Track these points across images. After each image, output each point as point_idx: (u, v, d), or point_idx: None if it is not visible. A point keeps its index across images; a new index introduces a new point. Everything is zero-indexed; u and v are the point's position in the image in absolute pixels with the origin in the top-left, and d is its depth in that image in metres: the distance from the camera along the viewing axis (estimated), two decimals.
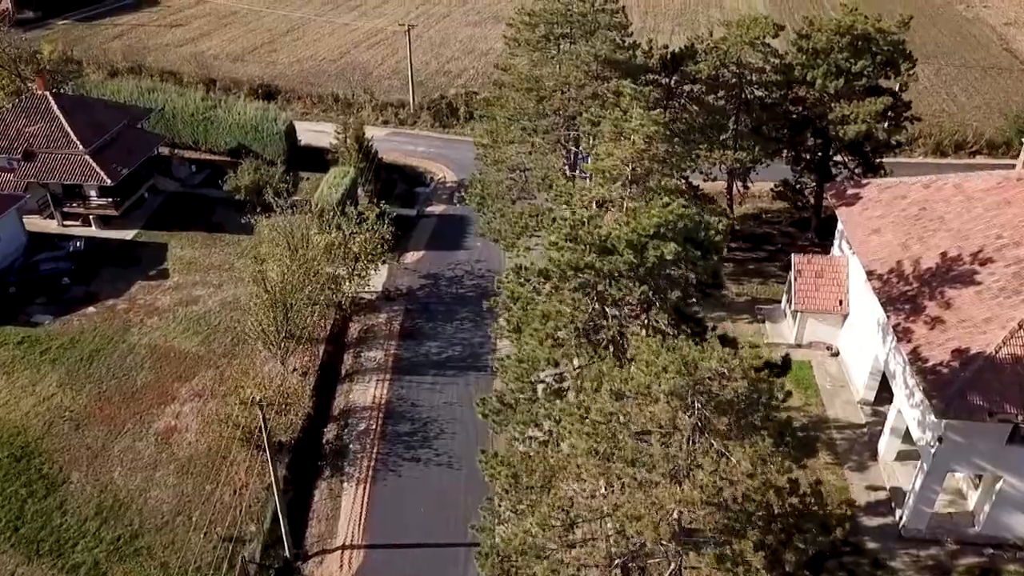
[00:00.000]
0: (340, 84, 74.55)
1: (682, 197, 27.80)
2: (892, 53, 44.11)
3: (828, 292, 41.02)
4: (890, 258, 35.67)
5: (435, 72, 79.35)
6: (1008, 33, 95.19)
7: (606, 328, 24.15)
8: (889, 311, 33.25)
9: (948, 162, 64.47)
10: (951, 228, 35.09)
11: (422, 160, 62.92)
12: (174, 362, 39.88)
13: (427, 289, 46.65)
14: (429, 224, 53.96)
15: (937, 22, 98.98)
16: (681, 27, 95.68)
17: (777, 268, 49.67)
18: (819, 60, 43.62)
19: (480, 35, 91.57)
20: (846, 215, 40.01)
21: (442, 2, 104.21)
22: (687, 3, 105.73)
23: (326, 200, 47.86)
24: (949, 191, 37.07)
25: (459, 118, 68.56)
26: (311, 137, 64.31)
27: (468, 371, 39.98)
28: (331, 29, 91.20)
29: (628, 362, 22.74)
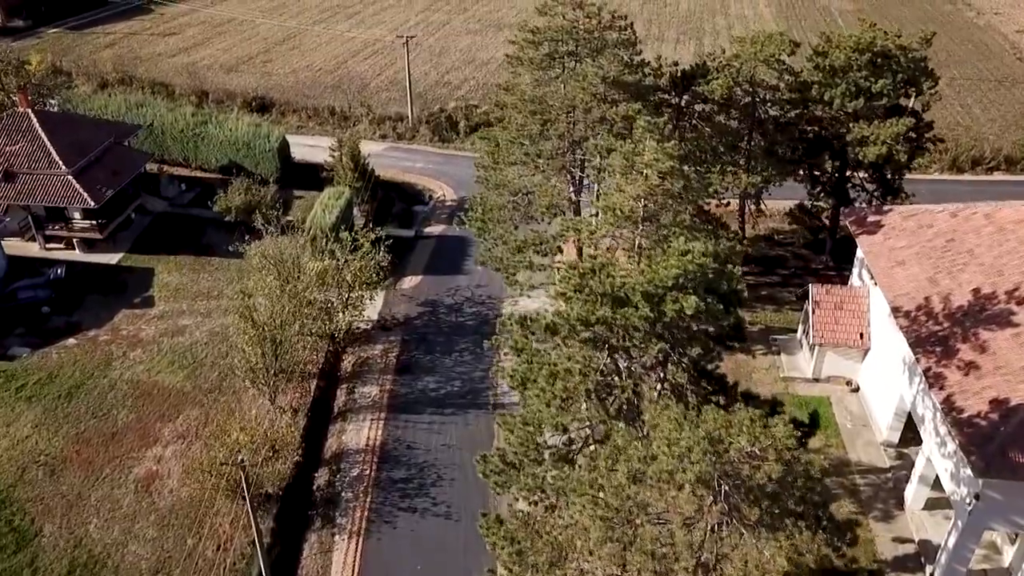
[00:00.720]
0: (336, 96, 72.42)
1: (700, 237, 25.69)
2: (913, 71, 41.99)
3: (848, 325, 38.86)
4: (917, 293, 33.51)
5: (434, 83, 77.23)
6: (1021, 41, 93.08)
7: (619, 388, 21.98)
8: (918, 352, 31.08)
9: (965, 178, 62.38)
10: (983, 262, 32.92)
11: (421, 177, 60.78)
12: (157, 399, 37.71)
13: (425, 318, 44.48)
14: (428, 246, 51.81)
15: (948, 30, 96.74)
16: (686, 35, 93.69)
17: (791, 294, 47.54)
18: (837, 79, 41.48)
19: (480, 43, 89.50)
20: (867, 244, 37.84)
21: (441, 9, 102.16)
22: (692, 10, 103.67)
23: (319, 224, 45.73)
24: (979, 221, 34.91)
25: (459, 132, 66.43)
26: (306, 152, 62.19)
27: (467, 409, 37.82)
28: (328, 38, 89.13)
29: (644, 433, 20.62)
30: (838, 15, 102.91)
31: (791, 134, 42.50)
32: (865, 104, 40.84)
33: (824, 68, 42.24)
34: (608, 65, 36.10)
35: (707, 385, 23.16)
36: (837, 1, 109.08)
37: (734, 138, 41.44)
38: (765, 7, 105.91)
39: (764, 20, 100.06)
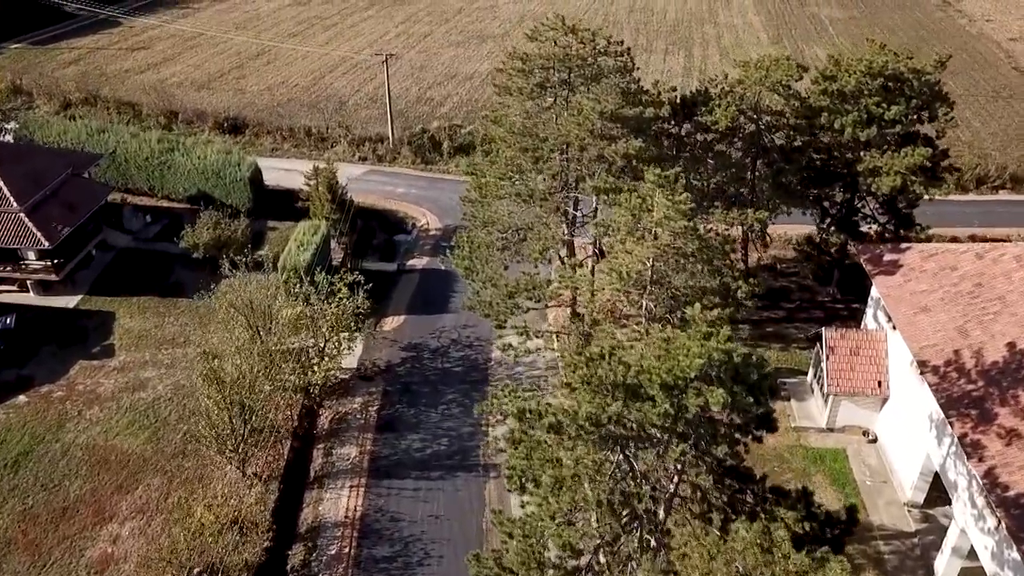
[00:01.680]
0: (313, 115, 69.05)
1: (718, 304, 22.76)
2: (927, 96, 39.39)
3: (865, 372, 36.10)
4: (945, 345, 30.77)
5: (416, 100, 74.01)
6: (1015, 50, 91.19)
7: (635, 495, 18.97)
8: (951, 415, 28.32)
9: (970, 199, 59.99)
10: (1016, 312, 30.24)
11: (403, 203, 57.57)
12: (115, 467, 34.31)
13: (409, 364, 41.29)
14: (411, 281, 48.62)
15: (941, 39, 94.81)
16: (675, 45, 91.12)
17: (797, 331, 44.79)
18: (848, 105, 38.77)
19: (463, 56, 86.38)
20: (886, 286, 35.09)
21: (422, 20, 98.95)
22: (680, 19, 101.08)
23: (293, 263, 42.45)
24: (1008, 264, 32.25)
25: (443, 154, 63.24)
26: (280, 177, 58.83)
27: (456, 472, 34.69)
28: (304, 52, 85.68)
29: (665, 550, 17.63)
30: (828, 23, 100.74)
31: (799, 163, 39.71)
32: (878, 132, 38.13)
33: (833, 93, 39.54)
34: (605, 97, 33.09)
35: (732, 482, 20.22)
36: (827, 9, 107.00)
37: (739, 170, 38.58)
38: (754, 15, 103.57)
39: (754, 29, 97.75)
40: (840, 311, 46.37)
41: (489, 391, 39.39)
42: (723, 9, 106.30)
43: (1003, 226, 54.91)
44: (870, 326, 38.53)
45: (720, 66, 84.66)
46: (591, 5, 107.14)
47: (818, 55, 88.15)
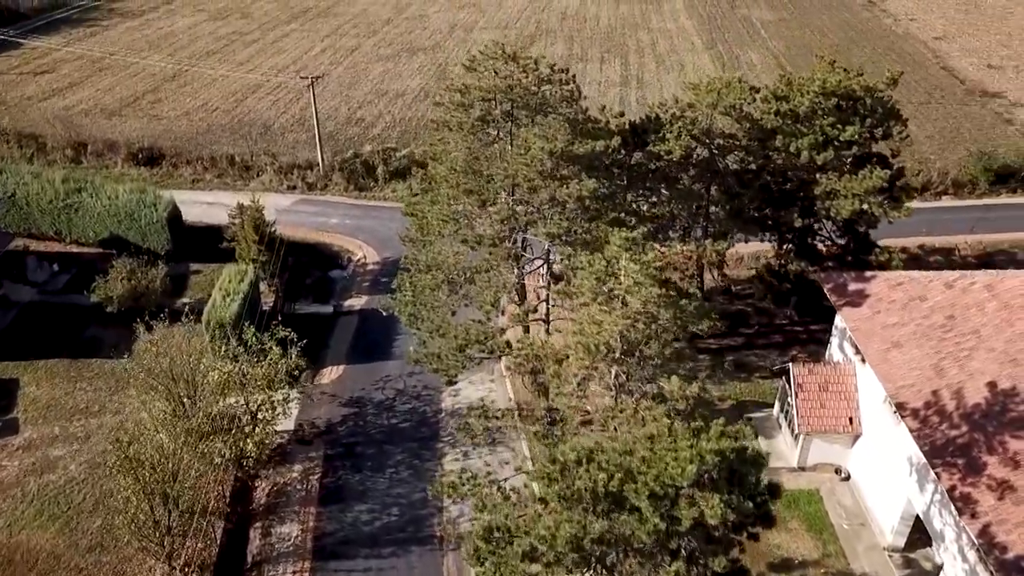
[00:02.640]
0: (236, 141, 64.88)
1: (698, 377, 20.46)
2: (881, 115, 38.12)
3: (836, 408, 34.49)
4: (923, 386, 29.23)
5: (346, 121, 70.40)
6: (941, 49, 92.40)
7: None
8: (937, 464, 26.73)
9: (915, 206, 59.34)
10: (993, 348, 28.87)
11: (337, 235, 54.13)
12: (21, 568, 30.26)
13: (351, 422, 38.07)
14: (349, 324, 45.30)
15: (870, 39, 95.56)
16: (610, 53, 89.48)
17: (758, 358, 43.16)
18: (803, 127, 37.18)
19: (394, 72, 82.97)
20: (854, 319, 33.50)
21: (348, 33, 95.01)
22: (613, 26, 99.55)
23: (219, 316, 38.77)
24: (979, 294, 30.93)
25: (377, 179, 59.96)
26: (203, 212, 54.78)
27: (410, 546, 31.69)
28: (225, 70, 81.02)
29: None
30: (760, 26, 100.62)
31: (754, 188, 37.95)
32: (835, 155, 36.62)
33: (785, 114, 37.93)
34: (554, 133, 30.56)
35: None
36: (757, 11, 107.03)
37: (694, 198, 36.57)
38: (687, 20, 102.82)
39: (688, 34, 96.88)
40: (799, 334, 44.97)
41: (440, 448, 36.75)
42: (655, 14, 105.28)
43: (949, 234, 54.57)
44: (836, 357, 37.03)
45: (657, 74, 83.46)
46: (522, 13, 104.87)
47: (753, 60, 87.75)
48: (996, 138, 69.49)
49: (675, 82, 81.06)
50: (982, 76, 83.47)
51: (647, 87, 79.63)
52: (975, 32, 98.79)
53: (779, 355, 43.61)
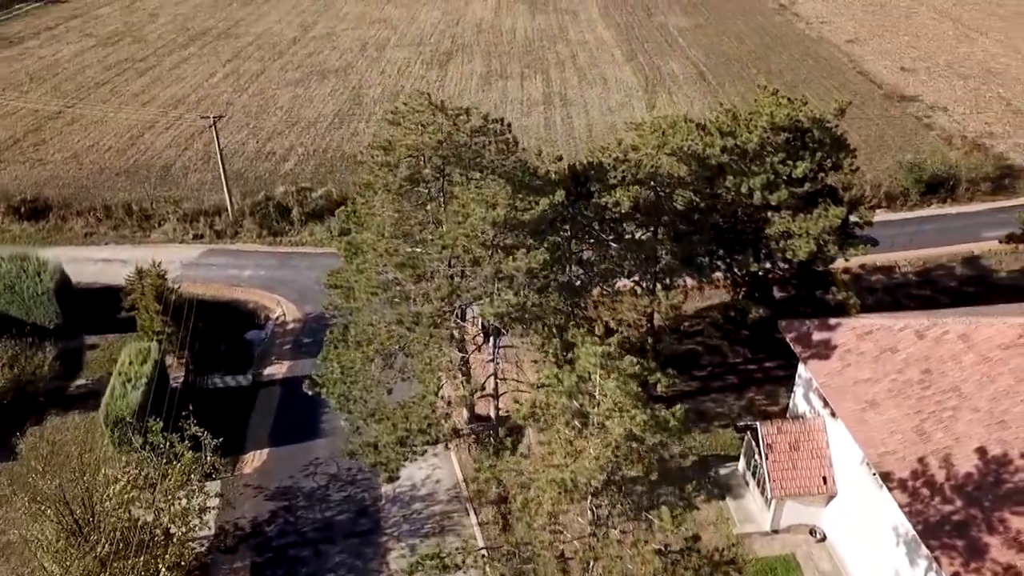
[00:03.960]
0: (133, 187, 59.22)
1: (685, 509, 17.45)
2: (830, 147, 36.23)
3: (808, 468, 32.29)
4: (907, 452, 27.13)
5: (255, 156, 65.35)
6: (854, 52, 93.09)
7: None
8: (934, 547, 24.57)
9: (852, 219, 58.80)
10: (977, 407, 26.97)
11: (252, 290, 49.44)
12: None
13: (280, 520, 33.84)
14: (271, 398, 40.86)
15: (786, 45, 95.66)
16: (531, 68, 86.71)
17: (715, 403, 40.92)
18: (753, 166, 34.88)
19: (304, 97, 78.06)
20: (822, 373, 31.32)
21: (252, 56, 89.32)
22: (531, 39, 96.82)
23: (120, 410, 33.97)
24: (955, 345, 29.07)
25: (293, 222, 55.41)
26: (98, 272, 49.45)
27: None
28: (117, 103, 74.60)
29: None
30: (678, 33, 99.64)
31: (705, 231, 35.47)
32: (789, 195, 34.45)
33: (733, 150, 35.57)
34: (493, 195, 27.16)
35: None
36: (673, 18, 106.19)
37: (645, 248, 33.77)
38: (604, 30, 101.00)
39: (607, 45, 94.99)
40: (754, 373, 42.94)
41: (384, 543, 32.97)
42: (572, 25, 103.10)
43: (887, 249, 53.65)
44: (800, 408, 34.91)
45: (580, 89, 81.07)
46: (436, 28, 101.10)
47: (674, 70, 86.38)
48: (918, 144, 69.74)
49: (598, 98, 78.97)
50: (897, 80, 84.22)
51: (571, 105, 77.14)
52: (885, 34, 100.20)
53: (736, 398, 41.50)
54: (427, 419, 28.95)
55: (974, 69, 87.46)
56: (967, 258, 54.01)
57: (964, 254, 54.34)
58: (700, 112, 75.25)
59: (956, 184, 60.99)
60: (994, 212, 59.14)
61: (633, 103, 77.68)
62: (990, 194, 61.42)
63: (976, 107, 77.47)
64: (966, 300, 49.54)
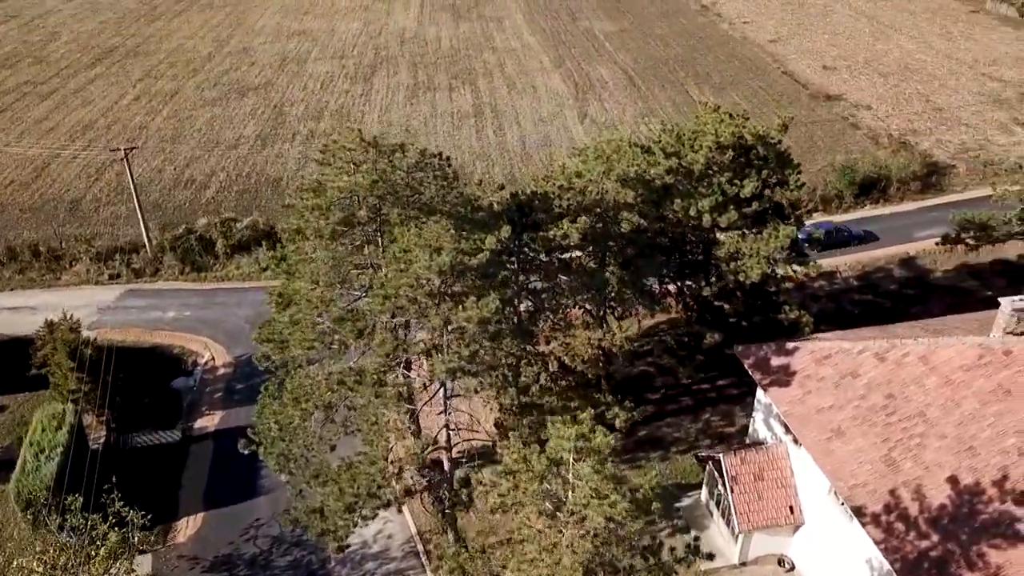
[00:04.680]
0: (39, 225, 55.04)
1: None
2: (776, 164, 35.53)
3: (775, 498, 31.42)
4: (877, 484, 26.35)
5: (172, 184, 61.67)
6: (778, 52, 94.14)
7: None
8: None
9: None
10: (944, 434, 26.38)
11: (177, 334, 46.23)
12: None
13: None
14: (204, 454, 38.00)
15: (711, 47, 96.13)
16: (458, 79, 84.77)
17: (672, 428, 39.96)
18: (701, 187, 33.87)
19: (224, 117, 74.37)
20: (783, 400, 30.43)
21: (165, 75, 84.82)
22: (456, 48, 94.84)
23: (32, 487, 30.77)
24: (916, 368, 28.48)
25: (217, 256, 52.24)
26: (3, 322, 45.51)
27: None
28: (18, 132, 69.62)
29: None
30: (604, 38, 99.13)
31: (656, 258, 34.30)
32: (738, 215, 33.55)
33: (678, 170, 34.50)
34: (437, 239, 25.24)
35: None
36: (599, 23, 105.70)
37: (597, 282, 32.33)
38: (530, 36, 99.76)
39: (534, 52, 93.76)
40: (708, 393, 42.14)
41: None
42: (498, 32, 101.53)
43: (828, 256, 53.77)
44: (761, 433, 34.07)
45: (510, 99, 79.57)
46: (358, 39, 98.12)
47: (603, 76, 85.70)
48: (847, 144, 70.64)
49: (530, 108, 77.62)
50: (821, 79, 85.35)
51: (503, 116, 75.58)
52: (805, 32, 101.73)
53: (692, 420, 40.60)
54: (376, 482, 26.88)
55: (892, 66, 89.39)
56: (904, 259, 54.58)
57: (901, 255, 54.91)
58: (632, 119, 74.83)
59: (887, 185, 61.76)
60: (925, 211, 60.17)
61: (565, 112, 76.61)
62: (919, 193, 62.41)
63: (898, 104, 79.02)
64: (907, 302, 50.08)
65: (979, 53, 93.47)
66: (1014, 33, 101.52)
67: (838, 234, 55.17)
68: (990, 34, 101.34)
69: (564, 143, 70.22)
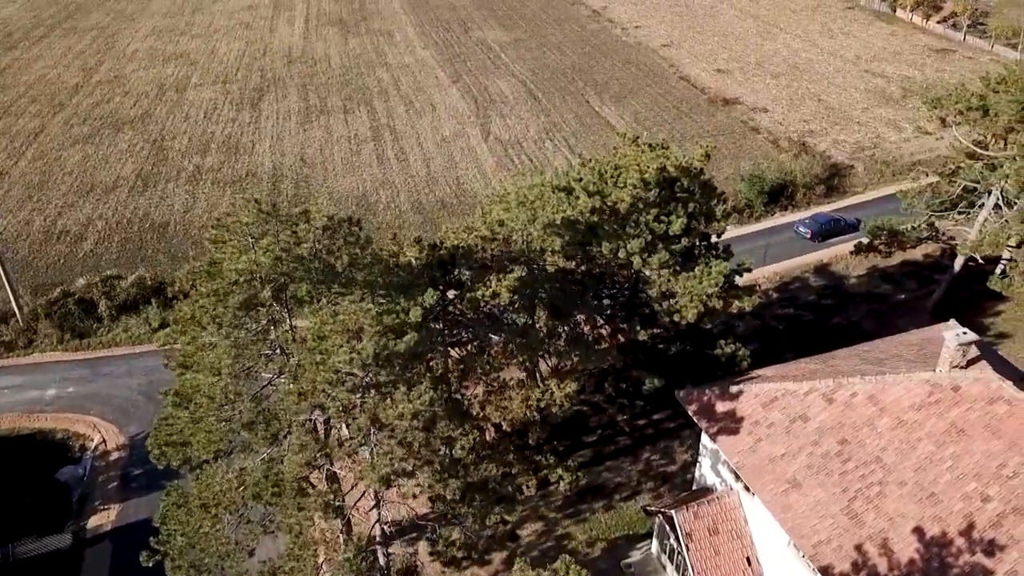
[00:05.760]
0: None
1: None
2: (703, 195, 34.21)
3: (731, 551, 30.03)
4: (842, 540, 25.15)
5: (43, 238, 55.81)
6: (672, 57, 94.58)
7: None
8: None
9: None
10: (903, 480, 25.44)
11: (59, 415, 41.25)
12: None
13: None
14: (102, 559, 33.55)
15: (607, 53, 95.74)
16: (352, 100, 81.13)
17: (612, 473, 38.22)
18: (628, 227, 32.12)
19: (98, 157, 68.28)
20: (736, 453, 28.97)
21: (27, 112, 77.44)
22: (347, 66, 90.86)
23: None
24: (866, 409, 27.52)
25: (101, 318, 47.23)
26: None
27: None
28: None
29: None
30: (499, 49, 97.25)
31: (589, 304, 32.38)
32: (669, 255, 31.97)
33: (603, 210, 32.66)
34: (356, 321, 22.36)
35: None
36: (492, 32, 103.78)
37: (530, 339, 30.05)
38: (423, 50, 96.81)
39: (429, 67, 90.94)
40: (646, 429, 40.66)
41: None
42: (389, 47, 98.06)
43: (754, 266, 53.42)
44: (708, 479, 32.66)
45: (409, 120, 76.56)
46: (241, 61, 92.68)
47: (503, 90, 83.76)
48: (749, 149, 71.13)
49: (430, 127, 74.85)
50: (716, 83, 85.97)
51: (403, 138, 72.52)
52: (696, 35, 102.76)
53: (632, 462, 38.99)
54: None
55: (781, 66, 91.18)
56: (818, 267, 54.88)
57: (815, 263, 55.21)
58: (537, 135, 73.23)
59: (794, 191, 62.24)
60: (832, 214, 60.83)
61: (467, 131, 74.21)
62: (825, 196, 63.18)
63: (792, 105, 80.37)
64: (827, 312, 50.22)
65: (860, 49, 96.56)
66: (888, 28, 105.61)
67: (835, 224, 57.46)
68: (867, 29, 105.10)
69: (469, 164, 67.96)
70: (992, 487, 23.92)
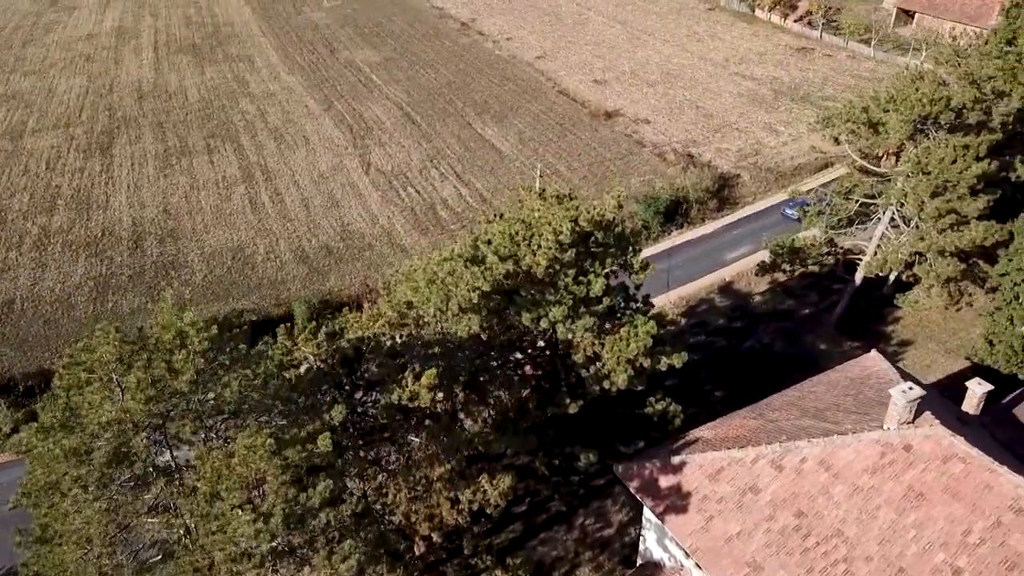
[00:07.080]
0: None
1: None
2: (619, 248, 32.03)
3: None
4: None
5: None
6: (548, 69, 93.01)
7: None
8: None
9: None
10: (869, 555, 24.01)
11: None
12: None
13: None
14: None
15: (481, 69, 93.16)
16: (217, 138, 74.94)
17: (548, 547, 35.65)
18: (547, 293, 29.48)
19: None
20: (687, 534, 26.87)
21: None
22: (206, 99, 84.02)
23: None
24: (818, 476, 26.02)
25: None
26: None
27: None
28: None
29: None
30: (370, 70, 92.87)
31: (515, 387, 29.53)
32: (594, 321, 29.57)
33: (518, 275, 29.90)
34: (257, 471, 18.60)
35: None
36: (360, 53, 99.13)
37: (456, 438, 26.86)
38: (289, 76, 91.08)
39: (295, 94, 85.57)
40: (577, 490, 38.24)
41: None
42: (251, 74, 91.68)
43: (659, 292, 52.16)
44: (654, 553, 30.58)
45: (281, 156, 71.28)
46: (84, 100, 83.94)
47: (379, 117, 79.58)
48: (637, 164, 70.27)
49: (305, 163, 69.97)
50: (595, 95, 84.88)
51: (277, 177, 67.35)
52: (569, 46, 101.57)
53: (567, 531, 36.53)
54: None
55: (656, 73, 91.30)
56: (722, 287, 54.28)
57: (719, 283, 54.59)
58: (420, 164, 69.77)
59: (688, 207, 61.66)
60: (728, 229, 60.66)
61: (346, 163, 69.84)
62: (717, 211, 62.94)
63: (672, 115, 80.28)
64: (739, 336, 49.48)
65: (727, 52, 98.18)
66: (750, 28, 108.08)
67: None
68: (730, 31, 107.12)
69: (353, 201, 63.77)
70: (961, 558, 22.77)
